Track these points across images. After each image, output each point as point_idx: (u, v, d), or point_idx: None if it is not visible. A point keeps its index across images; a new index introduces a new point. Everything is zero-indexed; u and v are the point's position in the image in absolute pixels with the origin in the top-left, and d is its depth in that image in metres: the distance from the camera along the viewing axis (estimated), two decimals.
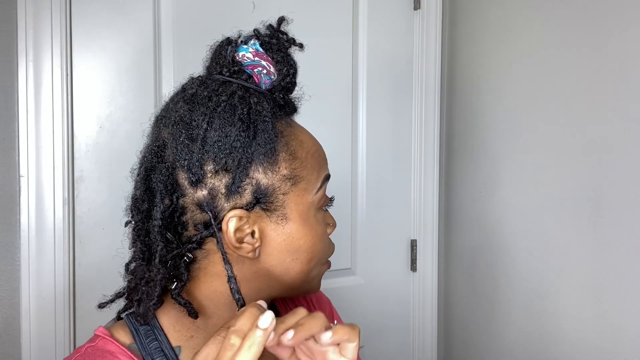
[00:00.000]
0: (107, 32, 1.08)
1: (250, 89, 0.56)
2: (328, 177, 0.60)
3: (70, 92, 1.06)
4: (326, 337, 0.46)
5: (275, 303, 0.69)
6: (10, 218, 1.01)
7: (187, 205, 0.54)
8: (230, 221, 0.53)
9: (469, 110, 1.37)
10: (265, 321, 0.43)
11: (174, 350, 0.56)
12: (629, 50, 0.96)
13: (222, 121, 0.53)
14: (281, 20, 0.59)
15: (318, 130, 0.64)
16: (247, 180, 0.53)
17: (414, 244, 1.45)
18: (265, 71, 0.57)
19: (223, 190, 0.53)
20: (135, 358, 0.54)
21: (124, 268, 0.59)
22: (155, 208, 0.53)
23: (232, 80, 0.56)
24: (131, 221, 0.56)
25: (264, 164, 0.54)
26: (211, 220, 0.53)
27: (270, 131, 0.54)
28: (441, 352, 1.50)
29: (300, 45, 0.60)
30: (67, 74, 1.05)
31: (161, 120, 0.56)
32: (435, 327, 1.48)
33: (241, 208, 0.53)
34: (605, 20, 1.00)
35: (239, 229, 0.53)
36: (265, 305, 0.46)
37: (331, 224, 0.62)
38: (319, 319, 0.46)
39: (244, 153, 0.53)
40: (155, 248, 0.53)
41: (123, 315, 0.60)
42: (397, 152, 1.42)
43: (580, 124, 1.05)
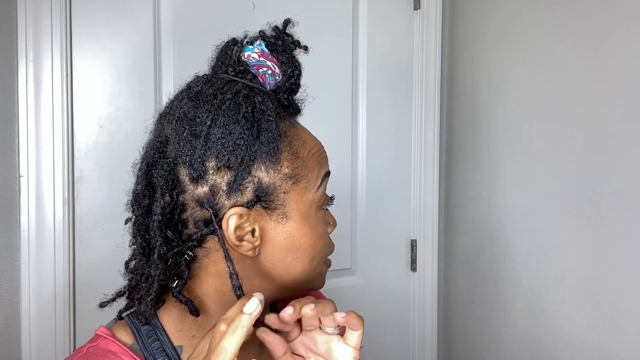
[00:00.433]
0: (107, 32, 1.08)
1: (255, 89, 0.56)
2: (328, 174, 0.60)
3: (70, 92, 1.06)
4: (339, 316, 0.48)
5: (277, 304, 0.69)
6: (10, 218, 1.01)
7: (187, 202, 0.54)
8: (231, 219, 0.53)
9: (469, 110, 1.38)
10: (250, 307, 0.45)
11: (176, 350, 0.56)
12: (629, 49, 0.96)
13: (227, 119, 0.53)
14: (287, 22, 0.60)
15: (318, 130, 0.64)
16: (249, 178, 0.53)
17: (414, 244, 1.45)
18: (270, 72, 0.57)
19: (224, 187, 0.53)
20: (137, 358, 0.54)
21: (124, 266, 0.59)
22: (155, 203, 0.53)
23: (237, 79, 0.57)
24: (131, 219, 0.56)
25: (267, 163, 0.54)
26: (212, 218, 0.53)
27: (274, 130, 0.54)
28: (441, 352, 1.50)
29: (305, 48, 0.60)
30: (67, 74, 1.05)
31: (165, 117, 0.57)
32: (435, 327, 1.48)
33: (242, 206, 0.53)
34: (605, 20, 1.00)
35: (239, 227, 0.53)
36: (262, 297, 0.47)
37: (331, 223, 0.63)
38: (330, 303, 0.49)
39: (247, 151, 0.53)
40: (155, 244, 0.53)
41: (124, 315, 0.60)
42: (397, 152, 1.42)
43: (580, 124, 1.05)
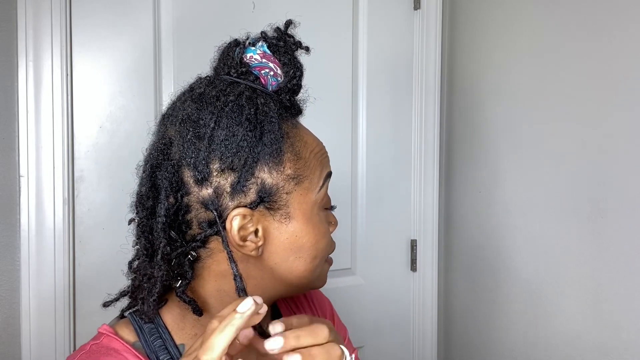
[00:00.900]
0: (107, 32, 1.08)
1: (258, 90, 0.56)
2: (330, 174, 0.61)
3: (70, 92, 1.06)
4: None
5: (277, 302, 0.69)
6: (10, 218, 1.01)
7: (192, 204, 0.54)
8: (234, 219, 0.53)
9: (469, 110, 1.38)
10: (243, 306, 0.45)
11: (178, 348, 0.57)
12: (629, 49, 0.96)
13: (230, 120, 0.53)
14: (288, 23, 0.60)
15: (318, 130, 0.64)
16: (252, 179, 0.54)
17: (414, 244, 1.45)
18: (272, 73, 0.57)
19: (228, 189, 0.53)
20: (139, 356, 0.55)
21: (127, 266, 0.59)
22: (159, 205, 0.53)
23: (240, 81, 0.57)
24: (134, 219, 0.57)
25: (270, 164, 0.54)
26: (216, 219, 0.53)
27: (277, 132, 0.55)
28: (441, 352, 1.50)
29: (307, 49, 0.60)
30: (67, 74, 1.05)
31: (168, 119, 0.57)
32: (435, 327, 1.48)
33: (245, 207, 0.53)
34: (605, 20, 1.00)
35: (242, 227, 0.54)
36: (260, 300, 0.47)
37: (333, 222, 0.63)
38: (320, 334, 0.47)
39: (251, 153, 0.53)
40: (158, 245, 0.53)
41: (126, 313, 0.60)
42: (397, 152, 1.42)
43: (580, 124, 1.06)
